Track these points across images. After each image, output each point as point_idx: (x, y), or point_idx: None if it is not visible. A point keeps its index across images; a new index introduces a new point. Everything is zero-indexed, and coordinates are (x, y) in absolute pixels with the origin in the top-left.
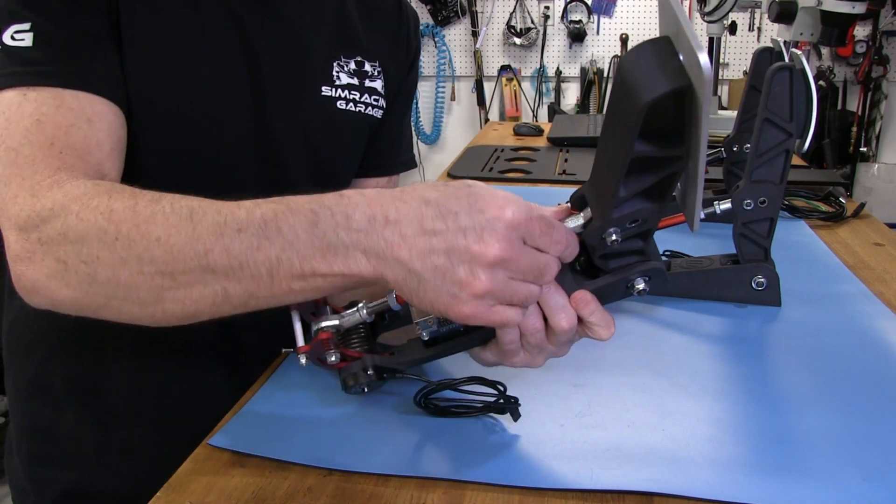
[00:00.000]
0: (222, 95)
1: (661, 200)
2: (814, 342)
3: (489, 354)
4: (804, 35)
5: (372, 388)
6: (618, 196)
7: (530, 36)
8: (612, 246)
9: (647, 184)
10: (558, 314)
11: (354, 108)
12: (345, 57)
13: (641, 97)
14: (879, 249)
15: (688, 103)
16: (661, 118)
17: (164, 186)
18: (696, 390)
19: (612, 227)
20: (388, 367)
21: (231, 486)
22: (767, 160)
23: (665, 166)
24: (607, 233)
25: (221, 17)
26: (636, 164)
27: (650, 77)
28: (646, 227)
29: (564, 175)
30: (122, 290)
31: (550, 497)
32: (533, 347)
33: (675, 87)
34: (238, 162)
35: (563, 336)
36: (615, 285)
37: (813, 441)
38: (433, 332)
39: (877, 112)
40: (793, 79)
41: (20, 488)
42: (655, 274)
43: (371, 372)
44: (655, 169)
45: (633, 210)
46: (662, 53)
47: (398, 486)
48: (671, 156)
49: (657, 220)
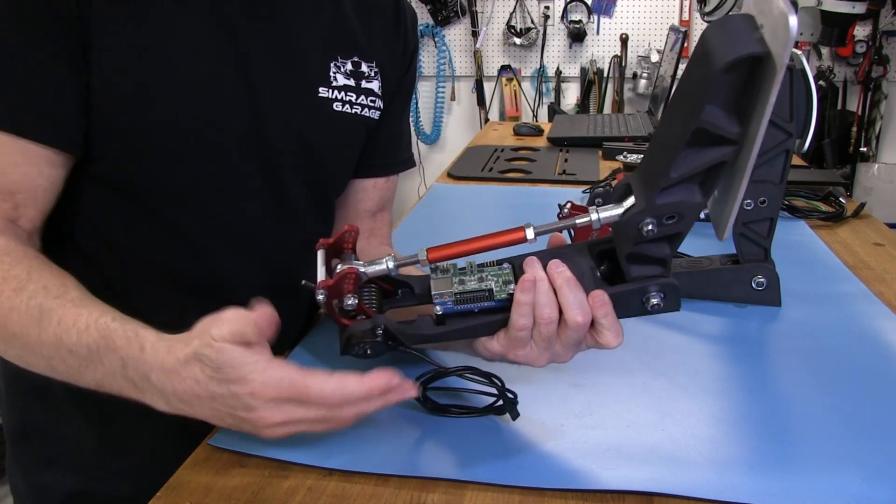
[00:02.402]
0: (213, 98)
1: (703, 195)
2: (814, 342)
3: (496, 344)
4: (804, 35)
5: (375, 352)
6: (668, 176)
7: (530, 36)
8: (647, 236)
9: (697, 166)
10: (574, 308)
11: (351, 110)
12: (342, 58)
13: (721, 58)
14: (879, 249)
15: (759, 79)
16: (734, 89)
17: (159, 190)
18: (696, 390)
19: (653, 215)
20: (397, 335)
21: (231, 486)
22: (767, 160)
23: (720, 146)
24: (645, 222)
25: (209, 20)
26: (696, 139)
27: (732, 42)
28: (679, 229)
29: (564, 175)
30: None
31: (550, 497)
32: (542, 340)
33: (755, 51)
34: (231, 164)
35: (574, 333)
36: (632, 294)
37: (813, 441)
38: (448, 309)
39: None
40: (793, 79)
41: (21, 495)
42: (670, 290)
43: (381, 332)
44: (711, 149)
45: (676, 200)
46: (745, 25)
47: (398, 486)
48: (729, 136)
49: (691, 221)
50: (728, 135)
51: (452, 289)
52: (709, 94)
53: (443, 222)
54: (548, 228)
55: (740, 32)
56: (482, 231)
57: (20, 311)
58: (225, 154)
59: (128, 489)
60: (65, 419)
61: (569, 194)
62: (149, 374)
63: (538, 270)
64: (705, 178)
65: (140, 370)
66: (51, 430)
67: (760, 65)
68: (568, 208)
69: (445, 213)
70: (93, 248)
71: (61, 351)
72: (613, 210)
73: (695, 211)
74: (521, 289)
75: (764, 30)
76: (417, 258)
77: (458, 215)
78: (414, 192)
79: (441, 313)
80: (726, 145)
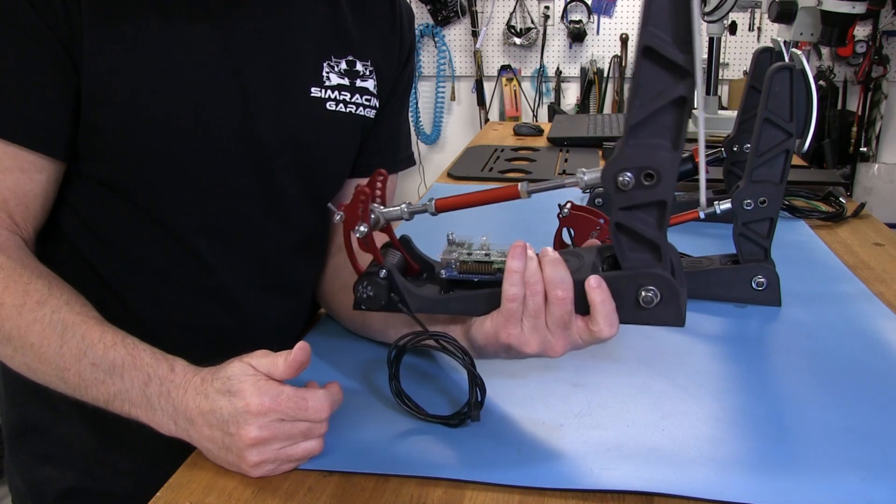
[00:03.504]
0: (203, 98)
1: (672, 145)
2: (814, 342)
3: (489, 323)
4: (804, 35)
5: (377, 295)
6: (633, 110)
7: (530, 36)
8: (623, 187)
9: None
10: (555, 283)
11: (345, 109)
12: (335, 57)
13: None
14: (879, 249)
15: None
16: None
17: (151, 190)
18: (696, 390)
19: (628, 163)
20: (399, 289)
21: (231, 486)
22: (767, 160)
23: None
24: (622, 172)
25: (201, 20)
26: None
27: None
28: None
29: (564, 175)
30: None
31: (550, 497)
32: (531, 316)
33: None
34: (223, 164)
35: (557, 309)
36: (626, 280)
37: (813, 441)
38: (450, 274)
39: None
40: (793, 79)
41: (18, 491)
42: (666, 289)
43: (384, 274)
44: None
45: (646, 151)
46: None
47: (398, 486)
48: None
49: (670, 182)
50: (676, 59)
51: (459, 257)
52: (648, 16)
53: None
54: (540, 187)
55: None
56: (482, 231)
57: (43, 324)
58: (216, 154)
59: (127, 487)
60: (63, 418)
61: (569, 194)
62: (171, 392)
63: (529, 249)
64: (670, 124)
65: (164, 387)
66: (49, 428)
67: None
68: (568, 208)
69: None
70: (87, 246)
71: (81, 364)
72: (599, 171)
73: (670, 165)
74: (512, 255)
75: None
76: (426, 208)
77: (458, 215)
78: (414, 192)
79: (445, 276)
80: (678, 75)
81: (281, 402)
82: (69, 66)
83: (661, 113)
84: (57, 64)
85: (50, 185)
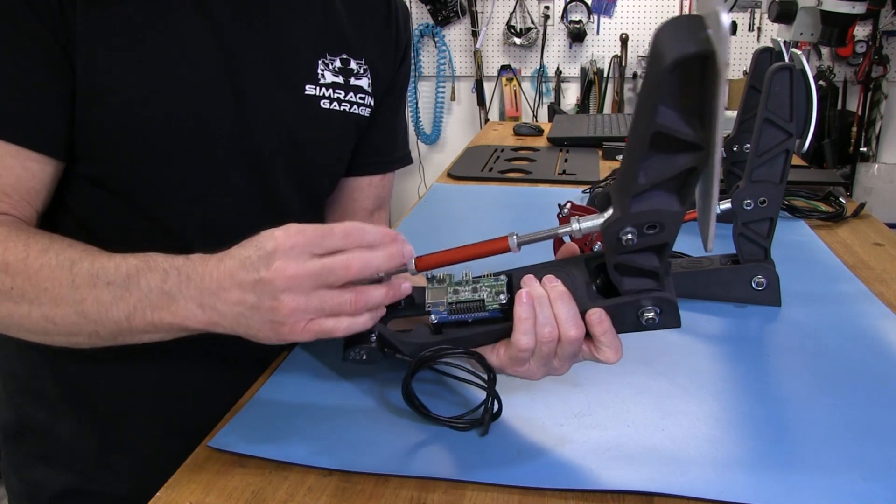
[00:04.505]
0: (198, 97)
1: (680, 202)
2: (814, 342)
3: (495, 358)
4: (804, 35)
5: (371, 359)
6: (637, 181)
7: (530, 36)
8: (627, 245)
9: (667, 172)
10: (567, 323)
11: (339, 107)
12: (330, 55)
13: (668, 57)
14: (879, 249)
15: (710, 78)
16: (686, 90)
17: (146, 189)
18: (696, 390)
19: (630, 223)
20: (392, 343)
21: (231, 486)
22: (767, 160)
23: (686, 152)
24: (624, 231)
25: (196, 18)
26: (658, 143)
27: (678, 41)
28: (663, 239)
29: (564, 175)
30: (14, 325)
31: (550, 497)
32: (543, 357)
33: (694, 50)
34: (218, 162)
35: (569, 347)
36: (626, 307)
37: (813, 441)
38: (442, 318)
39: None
40: (793, 79)
41: (14, 491)
42: (667, 306)
43: (374, 338)
44: (676, 153)
45: (651, 207)
46: (693, 25)
47: (398, 486)
48: (690, 140)
49: (674, 230)
50: (688, 138)
51: (447, 298)
52: (660, 95)
53: (443, 222)
54: (531, 238)
55: (686, 32)
56: (482, 231)
57: (51, 266)
58: (211, 152)
59: (125, 488)
60: (60, 419)
61: (569, 194)
62: (190, 275)
63: (536, 287)
64: (679, 184)
65: (182, 274)
66: (46, 429)
67: (709, 65)
68: (568, 208)
69: (445, 213)
70: None
71: (97, 287)
72: (594, 220)
73: (675, 219)
74: (520, 302)
75: (710, 30)
76: (407, 267)
77: (458, 215)
78: (414, 192)
79: (436, 322)
80: (691, 150)
81: (308, 234)
82: (65, 66)
83: (668, 181)
84: (53, 63)
85: (51, 181)
